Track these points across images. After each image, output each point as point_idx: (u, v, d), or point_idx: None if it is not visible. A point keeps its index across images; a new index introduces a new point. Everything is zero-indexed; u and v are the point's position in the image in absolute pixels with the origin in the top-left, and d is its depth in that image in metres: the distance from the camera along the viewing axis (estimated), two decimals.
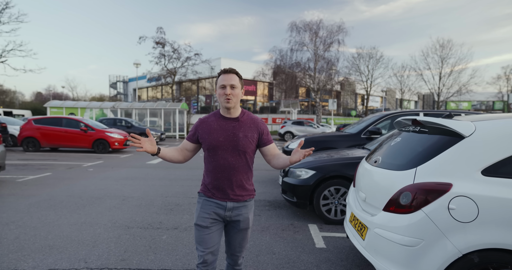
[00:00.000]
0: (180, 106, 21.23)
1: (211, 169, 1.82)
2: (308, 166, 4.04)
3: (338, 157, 4.12)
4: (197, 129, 1.87)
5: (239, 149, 1.78)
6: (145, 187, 5.94)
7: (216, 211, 1.80)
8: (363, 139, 5.81)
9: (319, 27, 25.13)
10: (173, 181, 6.57)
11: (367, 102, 37.21)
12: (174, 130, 22.42)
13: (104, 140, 11.33)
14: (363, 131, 5.86)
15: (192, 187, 6.05)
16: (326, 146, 5.87)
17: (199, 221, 1.80)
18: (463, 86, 34.78)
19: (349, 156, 4.17)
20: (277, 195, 5.46)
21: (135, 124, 16.71)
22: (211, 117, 1.88)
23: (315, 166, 3.98)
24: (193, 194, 5.47)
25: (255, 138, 1.84)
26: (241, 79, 1.89)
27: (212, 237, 1.79)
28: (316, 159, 4.25)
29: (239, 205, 1.83)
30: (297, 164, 4.23)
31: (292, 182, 4.08)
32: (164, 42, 24.06)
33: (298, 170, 4.10)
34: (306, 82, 26.09)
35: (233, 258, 1.95)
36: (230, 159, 1.78)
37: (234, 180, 1.80)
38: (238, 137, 1.78)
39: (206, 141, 1.81)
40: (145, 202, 4.85)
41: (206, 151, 1.83)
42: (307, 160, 4.32)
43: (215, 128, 1.81)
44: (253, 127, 1.85)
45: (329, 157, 4.24)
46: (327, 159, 4.09)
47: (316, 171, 3.93)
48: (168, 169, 8.18)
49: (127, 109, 21.12)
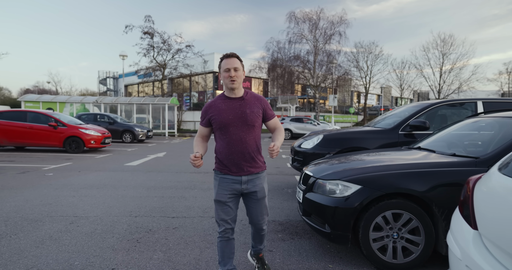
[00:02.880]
0: (169, 101, 19.61)
1: (224, 146, 2.00)
2: (348, 176, 2.59)
3: (392, 164, 2.68)
4: (207, 113, 2.04)
5: (248, 123, 1.97)
6: (111, 200, 4.43)
7: (233, 187, 2.01)
8: (401, 136, 4.39)
9: (320, 17, 23.62)
10: (151, 190, 5.07)
11: (366, 99, 35.99)
12: (163, 127, 20.80)
13: (77, 137, 9.73)
14: (401, 125, 4.44)
15: (176, 199, 4.56)
16: (353, 146, 4.44)
17: (219, 197, 2.01)
18: (464, 82, 33.80)
19: (407, 161, 2.73)
20: (291, 213, 4.01)
21: (119, 120, 15.09)
22: (217, 100, 2.05)
23: (361, 178, 2.53)
24: (176, 210, 3.99)
25: (260, 113, 2.05)
26: (241, 62, 2.00)
27: (231, 210, 2.03)
28: (355, 165, 2.81)
29: (253, 177, 2.04)
30: (327, 173, 2.80)
31: (322, 202, 2.62)
32: (152, 32, 22.31)
33: (332, 183, 2.65)
34: (305, 76, 24.59)
35: (257, 226, 2.16)
36: (241, 134, 1.97)
37: (246, 153, 1.99)
38: (246, 113, 1.98)
39: (217, 121, 1.98)
40: (101, 227, 3.35)
41: (218, 130, 2.01)
42: (341, 167, 2.87)
43: (223, 109, 1.98)
44: (257, 103, 2.05)
45: (375, 163, 2.80)
46: (376, 167, 2.64)
47: (363, 186, 2.48)
48: (148, 173, 6.67)
49: (112, 104, 19.40)
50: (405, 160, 2.82)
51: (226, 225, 2.02)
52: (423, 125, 4.13)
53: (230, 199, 2.01)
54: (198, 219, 3.67)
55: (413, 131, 4.33)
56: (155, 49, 23.25)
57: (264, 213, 2.13)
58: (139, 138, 14.56)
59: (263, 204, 2.10)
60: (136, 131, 14.44)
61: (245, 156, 1.99)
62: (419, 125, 4.17)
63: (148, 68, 24.19)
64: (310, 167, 3.24)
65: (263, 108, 2.07)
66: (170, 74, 25.72)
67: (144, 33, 22.19)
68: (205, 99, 38.22)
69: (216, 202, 2.03)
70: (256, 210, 2.08)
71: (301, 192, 3.06)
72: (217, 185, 2.03)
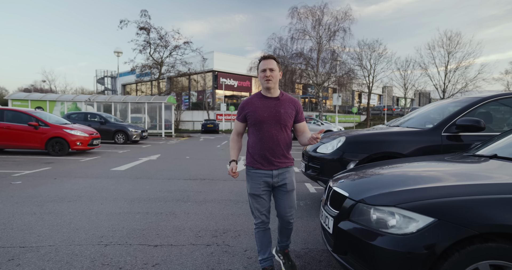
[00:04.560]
0: (166, 99, 18.69)
1: (257, 142, 2.11)
2: (410, 201, 1.68)
3: (479, 184, 1.77)
4: (243, 109, 2.15)
5: (281, 123, 2.09)
6: (80, 218, 3.53)
7: (265, 180, 2.13)
8: (444, 138, 3.50)
9: (323, 13, 22.64)
10: (135, 204, 4.17)
11: (369, 98, 35.11)
12: (160, 127, 19.88)
13: (61, 138, 8.82)
14: (445, 125, 3.54)
15: (163, 216, 3.66)
16: (383, 151, 3.55)
17: (253, 191, 2.15)
18: (470, 81, 32.92)
19: (502, 180, 1.83)
20: (310, 238, 3.12)
21: (112, 120, 14.18)
22: (253, 98, 2.16)
23: (434, 205, 1.63)
24: (161, 234, 3.09)
25: (293, 115, 2.15)
26: (278, 63, 2.11)
27: (265, 202, 2.17)
28: (415, 182, 1.91)
29: (283, 171, 2.15)
30: (373, 194, 1.91)
31: (368, 240, 1.73)
32: (149, 27, 21.32)
33: (382, 210, 1.75)
34: (308, 74, 23.62)
35: (285, 219, 2.22)
36: (274, 131, 2.09)
37: (277, 150, 2.11)
38: (280, 113, 2.09)
39: (253, 117, 2.09)
40: (52, 265, 2.44)
41: (252, 126, 2.12)
42: (391, 184, 1.98)
43: (259, 107, 2.10)
44: (291, 105, 2.15)
45: (444, 179, 1.90)
46: (454, 188, 1.74)
47: (438, 219, 1.58)
48: (136, 180, 5.77)
49: (105, 103, 18.46)
50: (495, 178, 1.92)
51: (262, 217, 2.17)
52: (477, 124, 3.23)
53: (264, 192, 2.14)
54: (188, 249, 2.77)
55: (461, 133, 3.44)
56: (152, 46, 22.32)
57: (293, 206, 2.23)
58: (132, 138, 13.67)
59: (292, 197, 2.21)
60: (129, 131, 13.54)
61: (275, 152, 2.11)
62: (471, 125, 3.27)
63: (145, 65, 23.22)
64: (340, 181, 2.35)
65: (296, 110, 2.17)
66: (168, 72, 24.79)
67: (140, 28, 21.21)
68: (204, 99, 37.29)
69: (251, 195, 2.17)
70: (285, 202, 2.18)
71: (330, 218, 2.16)
72: (250, 180, 2.16)
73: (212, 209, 4.08)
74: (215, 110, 35.53)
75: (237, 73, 39.58)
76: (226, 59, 39.31)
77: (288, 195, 2.18)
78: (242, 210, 4.05)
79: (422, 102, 54.76)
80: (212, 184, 5.61)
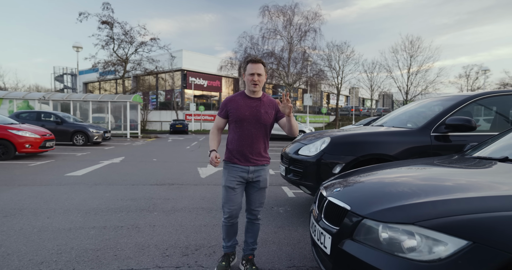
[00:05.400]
0: (131, 98, 17.60)
1: (236, 138, 2.23)
2: (434, 218, 1.35)
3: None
4: (226, 105, 2.25)
5: (261, 122, 2.21)
6: (15, 238, 2.88)
7: (241, 175, 2.23)
8: (433, 138, 3.29)
9: (294, 13, 22.64)
10: (90, 216, 3.56)
11: (338, 99, 35.90)
12: (124, 127, 18.70)
13: (6, 140, 7.76)
14: (433, 124, 3.34)
15: (124, 231, 3.11)
16: (371, 152, 3.28)
17: (228, 183, 2.23)
18: (430, 84, 34.81)
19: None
20: (295, 253, 2.75)
21: (70, 120, 12.99)
22: (237, 96, 2.26)
23: (465, 223, 1.30)
24: (120, 255, 2.55)
25: (273, 114, 2.28)
26: (265, 66, 2.23)
27: (237, 196, 2.25)
28: (434, 193, 1.60)
29: (259, 168, 2.26)
30: (383, 207, 1.58)
31: (380, 266, 1.38)
32: (112, 21, 19.97)
33: (396, 228, 1.41)
34: (280, 74, 23.49)
35: (253, 213, 2.35)
36: (253, 130, 2.20)
37: (255, 147, 2.22)
38: (261, 113, 2.21)
39: (234, 115, 2.19)
40: None
41: (233, 123, 2.23)
42: (404, 193, 1.66)
43: (242, 105, 2.21)
44: (271, 105, 2.28)
45: (468, 189, 1.60)
46: (486, 200, 1.43)
47: (474, 242, 1.25)
48: (95, 187, 5.09)
49: (63, 102, 16.96)
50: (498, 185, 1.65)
51: (233, 211, 2.25)
52: (468, 124, 3.05)
53: (238, 186, 2.24)
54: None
55: (451, 133, 3.25)
56: (116, 41, 20.96)
57: (262, 202, 2.36)
58: (94, 140, 12.60)
59: (263, 194, 2.35)
60: (90, 132, 12.46)
61: (253, 150, 2.22)
62: (461, 125, 3.09)
63: (108, 62, 21.76)
64: (336, 190, 2.00)
65: (276, 110, 2.29)
66: (134, 70, 23.48)
67: (102, 22, 19.80)
68: (173, 98, 36.00)
69: (225, 187, 2.25)
70: (255, 198, 2.32)
71: (327, 235, 1.80)
72: (227, 173, 2.26)
73: (182, 219, 3.59)
74: (184, 110, 34.45)
75: (207, 72, 38.68)
76: (196, 58, 38.28)
77: (260, 192, 2.31)
78: (216, 220, 3.60)
79: (386, 103, 57.33)
80: (182, 190, 5.09)
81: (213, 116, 34.58)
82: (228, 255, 2.39)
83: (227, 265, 2.33)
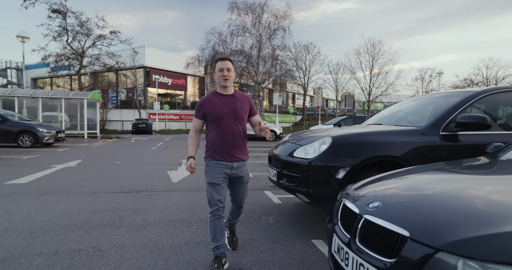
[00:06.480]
0: (89, 95, 16.09)
1: (218, 135, 2.28)
2: None
3: None
4: (202, 107, 2.31)
5: (238, 117, 2.29)
6: None
7: (225, 171, 2.30)
8: (442, 137, 3.00)
9: (263, 10, 22.31)
10: (36, 238, 2.81)
11: (305, 99, 36.35)
12: (81, 127, 17.07)
13: None
14: (442, 122, 3.05)
15: (82, 257, 2.43)
16: (379, 154, 2.90)
17: (213, 180, 2.28)
18: (390, 85, 36.51)
19: None
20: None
21: (15, 118, 11.43)
22: (210, 96, 2.33)
23: None
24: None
25: (248, 109, 2.38)
26: (233, 64, 2.33)
27: (222, 190, 2.32)
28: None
29: (241, 164, 2.36)
30: (472, 236, 1.12)
31: None
32: (65, 10, 18.07)
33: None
34: (249, 72, 23.04)
35: (239, 204, 2.53)
36: (233, 125, 2.28)
37: (236, 142, 2.31)
38: (237, 108, 2.29)
39: (212, 114, 2.26)
40: None
41: (212, 122, 2.29)
42: (506, 222, 1.24)
43: (217, 103, 2.28)
44: (245, 100, 2.37)
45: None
46: None
47: None
48: (44, 197, 4.22)
49: (6, 98, 14.97)
50: None
51: (219, 204, 2.30)
52: (482, 121, 2.78)
53: (223, 181, 2.31)
54: None
55: (459, 131, 2.98)
56: (70, 33, 19.07)
57: (246, 194, 2.52)
58: (44, 141, 11.19)
59: (246, 187, 2.48)
60: (39, 132, 11.04)
61: (236, 144, 2.31)
62: (474, 123, 2.82)
63: (61, 55, 19.74)
64: (373, 204, 1.55)
65: (250, 105, 2.40)
66: (91, 64, 21.63)
67: (53, 11, 17.83)
68: (135, 97, 34.02)
69: (210, 184, 2.29)
70: (240, 191, 2.46)
71: (370, 267, 1.33)
72: (211, 170, 2.30)
73: (156, 237, 2.96)
74: (148, 109, 32.74)
75: (171, 70, 37.11)
76: (159, 55, 36.57)
77: (244, 186, 2.45)
78: (198, 235, 3.02)
79: (348, 103, 59.52)
80: (153, 198, 4.41)
81: (179, 116, 33.25)
82: (219, 258, 2.29)
83: (219, 266, 2.24)
